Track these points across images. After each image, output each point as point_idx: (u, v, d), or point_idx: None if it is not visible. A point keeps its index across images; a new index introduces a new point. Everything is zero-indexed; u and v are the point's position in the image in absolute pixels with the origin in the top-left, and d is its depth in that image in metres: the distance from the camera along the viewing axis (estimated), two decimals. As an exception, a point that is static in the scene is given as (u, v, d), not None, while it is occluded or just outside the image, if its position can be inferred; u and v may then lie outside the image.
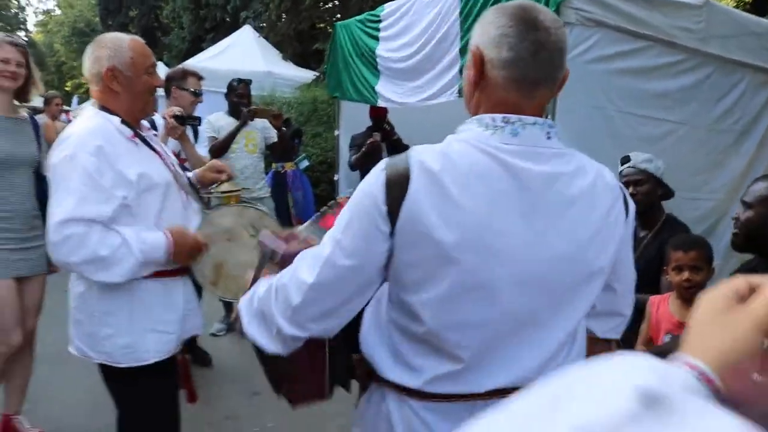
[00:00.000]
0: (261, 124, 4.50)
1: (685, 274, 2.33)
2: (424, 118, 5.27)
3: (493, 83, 1.12)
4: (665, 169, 3.97)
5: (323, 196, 5.73)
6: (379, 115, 5.40)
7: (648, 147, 4.02)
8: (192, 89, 3.73)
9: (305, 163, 5.82)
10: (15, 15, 39.26)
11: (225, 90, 9.02)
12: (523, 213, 1.09)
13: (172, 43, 16.50)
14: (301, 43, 11.01)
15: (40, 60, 36.60)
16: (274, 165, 5.93)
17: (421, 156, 1.10)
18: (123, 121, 1.92)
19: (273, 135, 4.54)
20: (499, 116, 1.11)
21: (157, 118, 3.66)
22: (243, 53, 10.10)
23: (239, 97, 4.46)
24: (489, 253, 1.07)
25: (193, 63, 10.52)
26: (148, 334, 1.94)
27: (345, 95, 5.67)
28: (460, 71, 4.17)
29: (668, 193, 2.92)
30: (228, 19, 15.74)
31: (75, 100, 19.33)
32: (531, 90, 1.12)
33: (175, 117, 3.22)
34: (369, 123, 5.43)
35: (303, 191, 5.72)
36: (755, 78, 4.47)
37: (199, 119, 3.61)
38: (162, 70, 8.05)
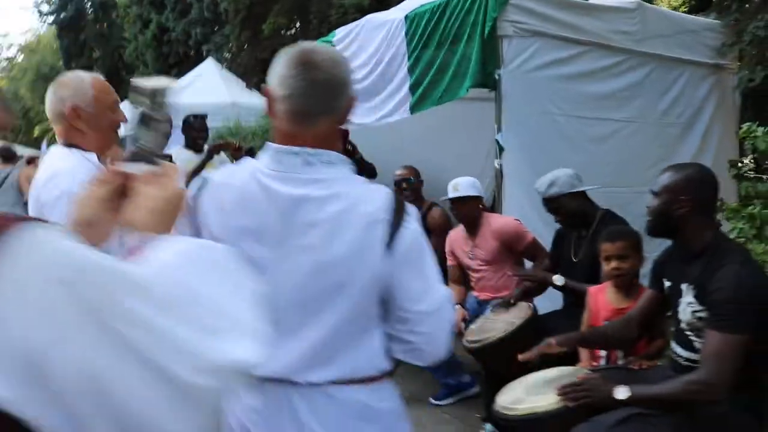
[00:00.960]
0: (219, 158, 4.58)
1: (613, 263, 2.47)
2: (387, 137, 5.43)
3: (279, 117, 1.29)
4: (618, 164, 4.14)
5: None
6: (340, 136, 5.51)
7: (599, 146, 4.20)
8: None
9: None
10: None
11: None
12: (271, 229, 1.27)
13: (135, 82, 16.52)
14: (264, 71, 11.11)
15: (6, 107, 36.18)
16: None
17: (215, 176, 1.38)
18: (98, 157, 1.94)
19: None
20: (274, 146, 1.29)
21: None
22: (206, 86, 10.15)
23: (197, 131, 4.54)
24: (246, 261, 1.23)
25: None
26: None
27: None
28: (410, 89, 4.31)
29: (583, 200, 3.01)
30: (191, 53, 15.81)
31: (44, 144, 19.23)
32: (307, 121, 1.27)
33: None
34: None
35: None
36: (696, 72, 4.67)
37: (170, 156, 3.76)
38: (127, 108, 8.12)
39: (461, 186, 3.36)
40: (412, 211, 1.31)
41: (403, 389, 3.89)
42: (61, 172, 1.84)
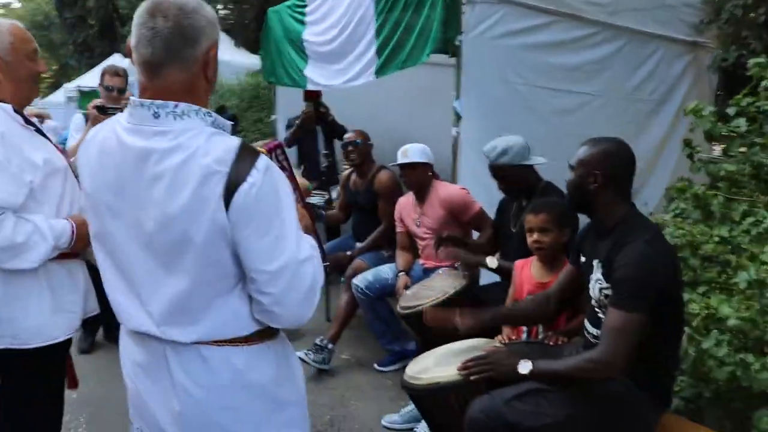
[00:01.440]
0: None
1: (534, 236, 2.43)
2: (363, 102, 5.36)
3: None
4: (582, 137, 4.07)
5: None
6: (312, 97, 5.48)
7: (563, 118, 4.12)
8: (105, 85, 3.93)
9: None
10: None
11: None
12: (127, 182, 1.27)
13: (129, 34, 16.28)
14: (252, 30, 10.97)
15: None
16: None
17: (93, 131, 1.39)
18: (14, 109, 1.90)
19: None
20: (133, 98, 1.28)
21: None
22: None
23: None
24: (106, 211, 1.30)
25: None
26: (57, 314, 1.98)
27: (279, 80, 5.68)
28: (377, 52, 4.22)
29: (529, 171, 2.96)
30: (184, 8, 15.53)
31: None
32: (153, 72, 1.25)
33: (96, 107, 3.36)
34: (304, 107, 5.48)
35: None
36: (671, 49, 4.56)
37: (120, 109, 3.69)
38: (122, 62, 8.06)
39: (410, 152, 3.32)
40: (261, 164, 1.24)
41: (350, 354, 3.94)
42: None
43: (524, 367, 1.84)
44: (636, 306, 1.76)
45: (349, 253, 3.86)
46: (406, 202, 3.50)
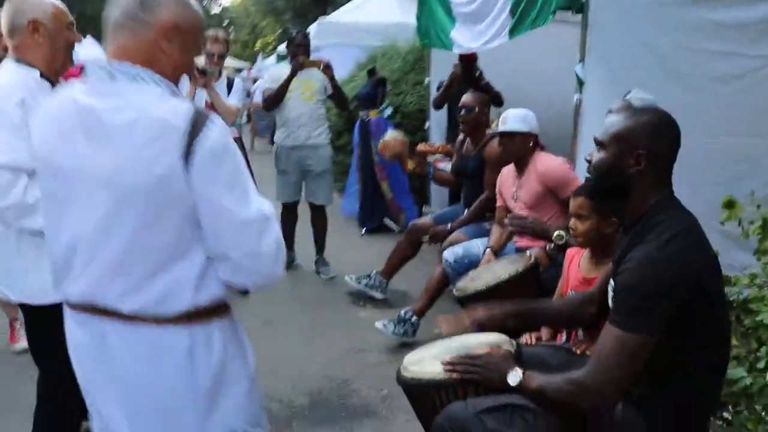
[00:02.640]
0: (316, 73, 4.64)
1: (570, 221, 2.09)
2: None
3: None
4: (750, 110, 3.41)
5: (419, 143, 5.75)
6: (466, 60, 5.30)
7: (723, 86, 3.53)
8: (207, 51, 4.16)
9: (389, 111, 5.91)
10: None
11: (363, 43, 9.33)
12: (78, 141, 1.28)
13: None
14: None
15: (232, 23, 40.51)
16: (360, 113, 6.12)
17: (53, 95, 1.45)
18: (42, 75, 2.02)
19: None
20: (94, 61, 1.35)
21: (237, 81, 4.37)
22: (379, 5, 10.27)
23: (296, 47, 4.64)
24: (56, 171, 1.31)
25: (331, 18, 10.94)
26: None
27: (431, 42, 5.60)
28: (511, 12, 3.96)
29: None
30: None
31: (259, 56, 21.18)
32: (112, 34, 1.31)
33: (197, 70, 3.65)
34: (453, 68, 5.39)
35: (387, 138, 5.84)
36: None
37: (219, 71, 4.19)
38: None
39: (509, 119, 3.06)
40: (218, 121, 1.26)
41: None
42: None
43: (514, 376, 1.59)
44: (635, 325, 1.43)
45: (449, 225, 3.75)
46: (506, 173, 3.26)
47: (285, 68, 4.73)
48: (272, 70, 4.77)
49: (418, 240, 4.04)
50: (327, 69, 4.49)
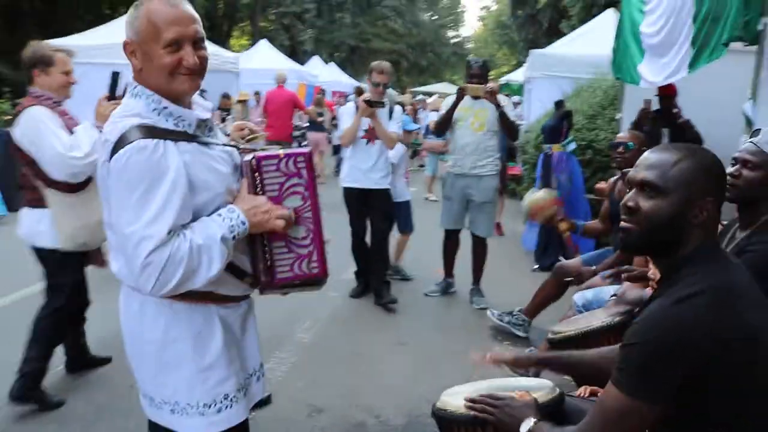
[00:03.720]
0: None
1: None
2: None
3: None
4: None
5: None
6: (665, 93, 4.93)
7: None
8: (372, 81, 4.55)
9: (572, 146, 5.64)
10: (458, 12, 45.34)
11: (571, 75, 9.09)
12: None
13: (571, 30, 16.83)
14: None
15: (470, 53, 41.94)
16: (543, 147, 5.96)
17: None
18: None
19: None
20: None
21: (397, 108, 4.81)
22: (595, 38, 9.90)
23: (470, 76, 4.66)
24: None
25: (544, 50, 10.78)
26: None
27: (622, 76, 5.28)
28: (692, 43, 3.60)
29: None
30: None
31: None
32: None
33: (365, 101, 3.97)
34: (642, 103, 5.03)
35: (569, 174, 5.59)
36: None
37: (382, 103, 4.48)
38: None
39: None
40: (139, 145, 1.39)
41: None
42: None
43: (526, 425, 1.50)
44: (635, 389, 1.25)
45: (593, 267, 3.49)
46: None
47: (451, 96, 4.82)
48: (448, 98, 4.87)
49: (565, 281, 3.83)
50: (491, 95, 4.47)
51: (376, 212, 4.80)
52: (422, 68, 39.90)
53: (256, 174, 1.58)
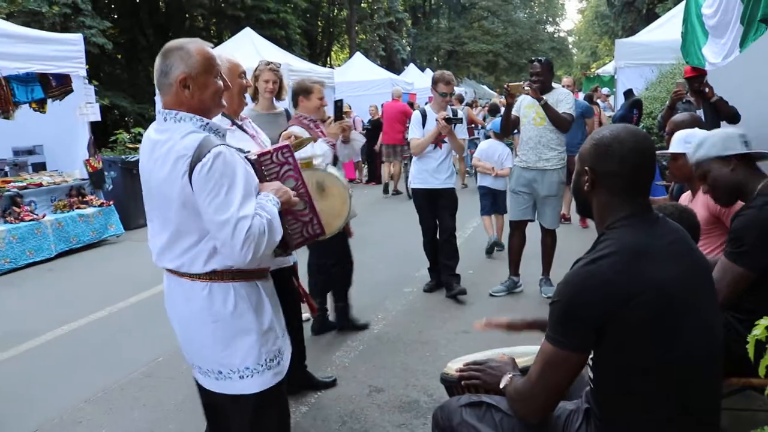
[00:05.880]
0: (555, 97, 4.71)
1: None
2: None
3: None
4: None
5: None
6: (691, 76, 5.11)
7: None
8: (440, 92, 4.88)
9: (643, 135, 5.57)
10: (556, 7, 44.35)
11: (656, 62, 8.87)
12: (147, 162, 1.90)
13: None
14: None
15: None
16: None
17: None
18: (223, 114, 2.57)
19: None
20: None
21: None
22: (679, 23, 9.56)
23: (530, 75, 4.78)
24: (144, 179, 1.93)
25: (631, 38, 10.48)
26: None
27: (691, 60, 5.17)
28: (741, 20, 3.55)
29: None
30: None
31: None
32: (159, 94, 1.91)
33: (445, 119, 4.60)
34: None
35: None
36: None
37: (460, 119, 4.86)
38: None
39: (674, 140, 2.80)
40: (214, 151, 1.73)
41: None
42: None
43: (504, 380, 1.71)
44: (558, 341, 1.45)
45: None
46: (684, 197, 2.96)
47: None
48: (520, 98, 5.04)
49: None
50: (532, 91, 4.60)
51: (443, 210, 5.03)
52: (521, 66, 39.33)
53: (261, 167, 1.94)
